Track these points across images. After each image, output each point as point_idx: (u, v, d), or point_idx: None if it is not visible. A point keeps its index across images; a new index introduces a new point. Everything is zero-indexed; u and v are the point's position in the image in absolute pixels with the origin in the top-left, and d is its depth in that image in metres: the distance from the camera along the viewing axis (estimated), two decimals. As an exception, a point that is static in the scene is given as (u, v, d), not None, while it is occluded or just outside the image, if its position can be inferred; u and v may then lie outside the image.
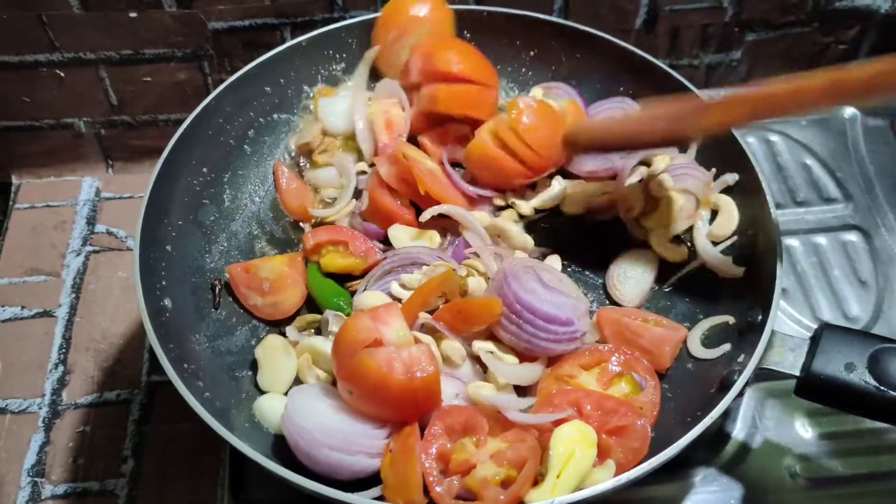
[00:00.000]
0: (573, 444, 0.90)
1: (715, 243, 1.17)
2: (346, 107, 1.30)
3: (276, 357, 1.08)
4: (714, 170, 1.21)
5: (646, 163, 1.24)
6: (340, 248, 1.19)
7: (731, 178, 1.19)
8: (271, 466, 0.88)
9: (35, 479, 1.25)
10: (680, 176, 1.20)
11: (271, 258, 1.19)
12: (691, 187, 1.18)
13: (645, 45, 1.29)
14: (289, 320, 1.15)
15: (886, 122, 1.49)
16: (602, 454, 0.92)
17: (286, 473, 0.87)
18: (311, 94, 1.34)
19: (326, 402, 0.96)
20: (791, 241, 1.33)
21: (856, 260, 1.31)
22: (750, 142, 1.46)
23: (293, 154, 1.32)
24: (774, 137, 1.47)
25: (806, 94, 0.93)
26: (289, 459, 0.93)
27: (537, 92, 1.33)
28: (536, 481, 0.91)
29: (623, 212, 1.22)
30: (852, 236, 1.34)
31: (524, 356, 1.04)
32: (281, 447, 1.00)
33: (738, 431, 1.12)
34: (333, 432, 0.92)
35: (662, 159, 1.22)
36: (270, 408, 1.03)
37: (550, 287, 1.04)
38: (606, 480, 0.87)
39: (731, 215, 1.17)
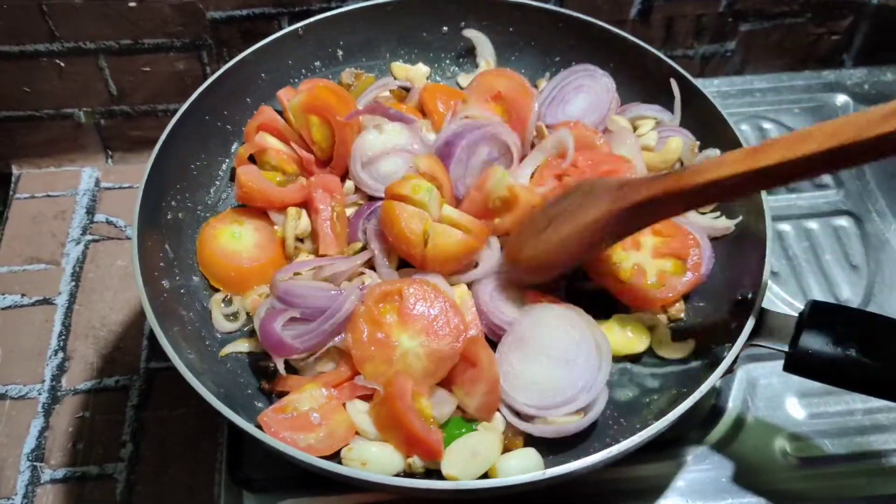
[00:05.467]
0: None
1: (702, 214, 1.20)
2: None
3: None
4: (699, 142, 1.24)
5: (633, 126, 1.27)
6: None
7: (712, 152, 1.21)
8: (268, 440, 0.89)
9: (34, 463, 1.26)
10: (665, 137, 1.24)
11: (300, 387, 1.02)
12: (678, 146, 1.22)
13: (640, 36, 1.31)
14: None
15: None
16: None
17: (283, 447, 0.88)
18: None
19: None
20: (783, 226, 1.34)
21: (847, 244, 1.32)
22: (743, 129, 1.47)
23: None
24: (767, 125, 1.48)
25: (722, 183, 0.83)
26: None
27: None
28: None
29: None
30: (844, 221, 1.35)
31: None
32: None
33: (730, 411, 1.13)
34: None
35: (648, 123, 1.25)
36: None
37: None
38: None
39: None
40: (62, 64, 1.47)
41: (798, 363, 0.92)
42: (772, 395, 1.15)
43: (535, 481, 0.87)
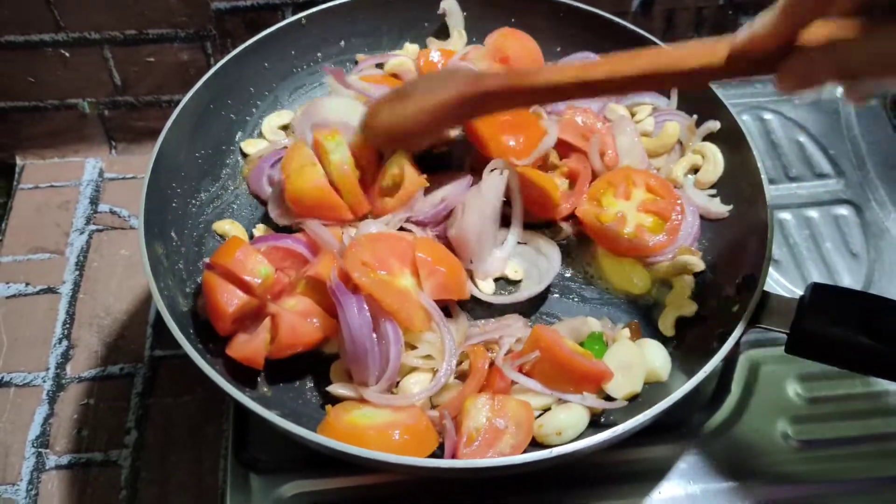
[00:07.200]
0: None
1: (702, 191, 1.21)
2: None
3: None
4: (696, 116, 1.25)
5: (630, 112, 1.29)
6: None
7: (713, 125, 1.22)
8: (275, 419, 0.89)
9: (39, 449, 1.26)
10: (662, 122, 1.25)
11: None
12: (675, 130, 1.25)
13: (641, 27, 1.31)
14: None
15: (879, 100, 1.51)
16: None
17: (289, 426, 0.89)
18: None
19: None
20: (784, 215, 1.35)
21: (847, 233, 1.33)
22: (745, 119, 1.48)
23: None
24: (768, 116, 1.49)
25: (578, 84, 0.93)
26: (288, 415, 0.94)
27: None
28: None
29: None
30: (844, 210, 1.36)
31: None
32: (279, 404, 1.02)
33: (732, 395, 1.14)
34: None
35: (645, 109, 1.27)
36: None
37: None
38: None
39: (716, 162, 1.20)
40: (67, 54, 1.47)
41: (800, 344, 0.93)
42: (773, 378, 1.16)
43: (540, 460, 0.87)
